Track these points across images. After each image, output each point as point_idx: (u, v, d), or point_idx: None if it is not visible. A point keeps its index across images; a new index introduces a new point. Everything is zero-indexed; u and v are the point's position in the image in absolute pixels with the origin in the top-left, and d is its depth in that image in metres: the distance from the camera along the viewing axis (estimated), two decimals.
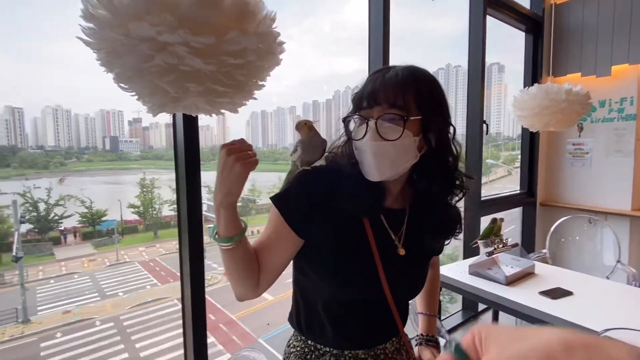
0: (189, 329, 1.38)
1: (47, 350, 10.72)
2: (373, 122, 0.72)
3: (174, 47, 0.59)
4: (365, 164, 0.76)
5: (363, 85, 0.78)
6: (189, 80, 0.64)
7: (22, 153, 50.43)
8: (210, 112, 0.76)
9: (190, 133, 1.32)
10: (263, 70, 0.73)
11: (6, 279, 16.00)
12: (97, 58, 0.68)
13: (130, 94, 0.72)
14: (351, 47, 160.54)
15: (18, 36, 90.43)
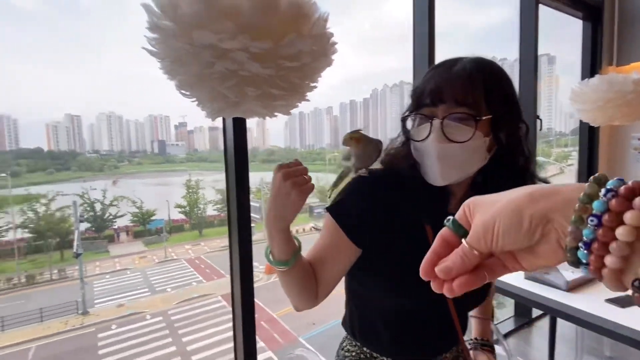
0: (239, 323, 1.42)
1: (104, 341, 11.54)
2: (438, 122, 0.66)
3: (234, 53, 0.61)
4: (427, 167, 0.70)
5: (424, 80, 0.71)
6: (247, 85, 0.66)
7: (80, 157, 54.56)
8: (265, 115, 0.77)
9: (239, 136, 1.36)
10: (316, 72, 0.73)
11: (68, 274, 17.46)
12: (161, 67, 0.72)
13: (191, 100, 0.75)
14: (389, 44, 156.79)
15: (75, 49, 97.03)
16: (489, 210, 0.32)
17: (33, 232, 19.70)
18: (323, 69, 0.76)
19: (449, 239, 0.35)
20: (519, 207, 0.30)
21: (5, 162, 41.08)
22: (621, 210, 0.25)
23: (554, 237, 0.29)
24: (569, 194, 0.29)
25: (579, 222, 0.27)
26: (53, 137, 62.01)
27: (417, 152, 0.71)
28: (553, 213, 0.28)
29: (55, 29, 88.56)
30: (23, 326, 12.52)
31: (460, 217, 0.35)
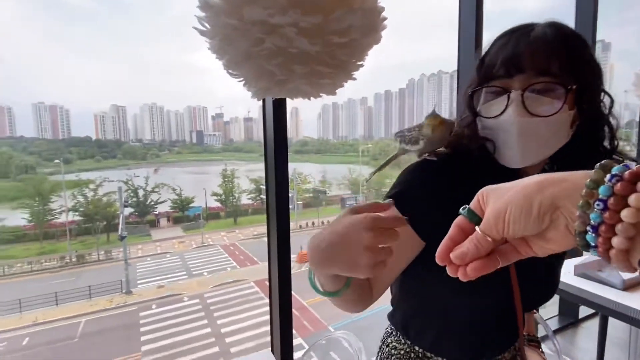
0: (276, 307, 1.45)
1: (145, 319, 12.24)
2: (518, 94, 0.58)
3: (283, 29, 0.60)
4: (504, 147, 0.62)
5: (493, 49, 0.63)
6: (295, 63, 0.65)
7: (125, 146, 57.51)
8: (310, 95, 0.76)
9: (279, 126, 1.36)
10: (365, 49, 0.71)
11: (113, 255, 18.63)
12: (210, 46, 0.73)
13: (237, 80, 0.76)
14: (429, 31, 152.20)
15: (120, 43, 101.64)
16: (500, 198, 0.33)
17: (83, 215, 21.15)
18: (371, 46, 0.74)
19: (463, 226, 0.37)
20: (528, 195, 0.31)
21: (59, 149, 44.20)
22: (625, 193, 0.26)
23: (562, 223, 0.30)
24: (576, 181, 0.30)
25: (586, 207, 0.28)
26: (100, 126, 65.77)
27: (490, 130, 0.63)
28: (561, 200, 0.30)
29: (101, 23, 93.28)
30: (74, 301, 13.53)
31: (475, 205, 0.36)
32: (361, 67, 0.77)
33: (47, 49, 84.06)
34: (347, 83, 0.83)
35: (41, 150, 40.59)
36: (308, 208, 27.27)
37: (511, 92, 0.58)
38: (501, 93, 0.60)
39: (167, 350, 10.32)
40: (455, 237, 0.37)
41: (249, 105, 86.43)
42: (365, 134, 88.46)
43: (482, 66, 0.64)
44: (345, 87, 0.79)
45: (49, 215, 21.04)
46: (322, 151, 59.29)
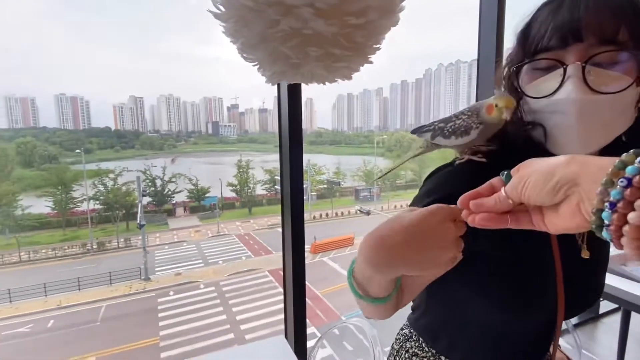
0: (290, 295, 1.46)
1: (163, 305, 12.57)
2: (577, 67, 0.48)
3: (299, 10, 0.59)
4: (558, 133, 0.52)
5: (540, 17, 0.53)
6: (310, 45, 0.63)
7: (143, 136, 58.66)
8: (325, 79, 0.75)
9: (294, 113, 1.35)
10: (382, 31, 0.69)
11: (132, 243, 19.15)
12: (224, 30, 0.72)
13: (252, 64, 0.75)
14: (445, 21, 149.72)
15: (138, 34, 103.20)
16: (532, 167, 0.35)
17: (103, 204, 21.76)
18: (388, 28, 0.71)
19: (496, 185, 0.40)
20: (553, 167, 0.33)
21: (79, 139, 45.43)
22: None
23: (574, 200, 0.31)
24: (602, 164, 0.30)
25: (609, 184, 0.28)
26: (119, 117, 67.16)
27: (539, 114, 0.54)
28: (582, 177, 0.31)
29: (120, 16, 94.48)
30: (95, 287, 14.00)
31: (514, 171, 0.38)
32: (378, 50, 0.75)
33: (69, 42, 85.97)
34: (363, 68, 0.81)
35: (63, 140, 41.80)
36: (322, 199, 27.35)
37: (567, 65, 0.49)
38: (553, 68, 0.51)
39: (184, 336, 10.60)
40: (484, 191, 0.40)
41: (263, 96, 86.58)
42: (381, 125, 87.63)
43: (527, 38, 0.54)
44: (360, 77, 0.76)
45: (71, 203, 21.73)
46: (337, 142, 59.12)
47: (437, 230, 0.41)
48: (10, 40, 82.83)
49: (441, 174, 0.61)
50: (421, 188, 0.62)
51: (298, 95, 1.35)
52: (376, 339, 0.92)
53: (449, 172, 0.60)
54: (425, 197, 0.58)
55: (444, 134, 0.61)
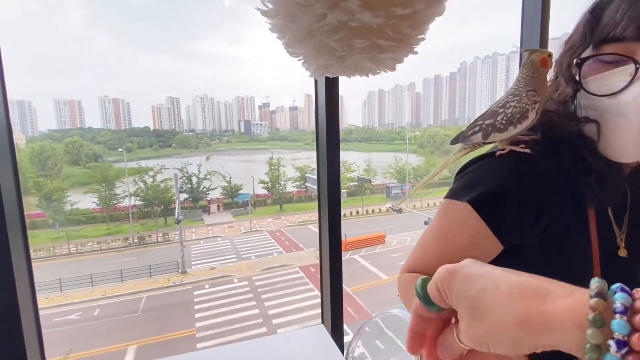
0: (327, 290, 1.48)
1: (198, 298, 13.04)
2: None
3: (346, 2, 0.60)
4: (615, 135, 0.48)
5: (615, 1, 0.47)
6: (355, 37, 0.64)
7: (179, 135, 60.75)
8: (370, 71, 0.75)
9: (332, 111, 1.36)
10: (427, 21, 0.69)
11: (170, 237, 19.98)
12: (271, 26, 0.74)
13: (297, 59, 0.77)
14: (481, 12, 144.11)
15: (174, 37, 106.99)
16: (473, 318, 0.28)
17: (143, 200, 22.80)
18: (433, 18, 0.71)
19: (424, 314, 0.32)
20: (513, 339, 0.26)
21: (121, 139, 47.87)
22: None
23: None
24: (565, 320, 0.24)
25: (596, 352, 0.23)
26: (157, 117, 70.09)
27: (598, 111, 0.50)
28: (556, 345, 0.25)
29: (158, 19, 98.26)
30: (136, 279, 14.74)
31: (433, 293, 0.31)
32: (422, 40, 0.74)
33: (110, 46, 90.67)
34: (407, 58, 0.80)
35: (106, 140, 44.23)
36: (352, 197, 27.26)
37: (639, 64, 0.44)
38: (622, 62, 0.46)
39: (219, 328, 10.94)
40: (417, 327, 0.33)
41: (294, 94, 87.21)
42: (413, 121, 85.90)
43: (597, 21, 0.49)
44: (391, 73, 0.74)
45: (114, 199, 22.94)
46: (367, 139, 58.61)
47: None
48: (58, 47, 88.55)
49: (482, 166, 0.58)
50: (458, 179, 0.60)
51: (335, 91, 1.36)
52: None
53: (491, 163, 0.57)
54: (469, 189, 0.55)
55: (498, 129, 0.56)
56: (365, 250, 16.84)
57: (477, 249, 0.55)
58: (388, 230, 18.45)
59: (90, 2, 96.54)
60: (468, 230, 0.55)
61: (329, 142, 1.41)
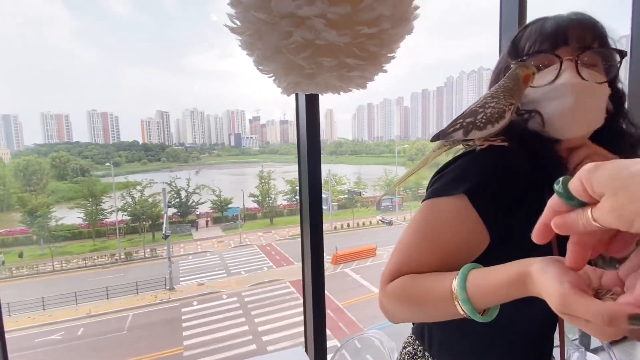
0: (309, 308, 1.44)
1: (186, 315, 12.73)
2: (571, 61, 0.57)
3: (311, 21, 0.60)
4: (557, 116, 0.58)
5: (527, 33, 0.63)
6: (323, 55, 0.64)
7: (169, 149, 60.22)
8: (339, 89, 0.75)
9: (312, 123, 1.37)
10: (396, 40, 0.69)
11: (158, 253, 19.60)
12: (240, 43, 0.74)
13: (267, 76, 0.76)
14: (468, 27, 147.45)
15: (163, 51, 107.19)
16: (622, 196, 0.28)
17: (130, 215, 22.41)
18: (403, 36, 0.71)
19: (560, 210, 0.34)
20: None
21: (109, 153, 47.28)
22: None
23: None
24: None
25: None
26: (146, 131, 69.62)
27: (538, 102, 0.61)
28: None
29: (147, 33, 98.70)
30: (122, 296, 14.36)
31: (576, 187, 0.32)
32: (392, 58, 0.75)
33: (99, 61, 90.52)
34: (382, 77, 0.81)
35: (94, 154, 43.62)
36: (343, 209, 27.21)
37: (563, 60, 0.58)
38: (546, 66, 0.60)
39: (207, 346, 10.67)
40: (548, 220, 0.35)
41: (284, 107, 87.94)
42: (402, 134, 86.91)
43: (517, 47, 0.63)
44: (380, 87, 0.75)
45: (101, 214, 22.50)
46: (357, 152, 58.97)
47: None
48: (46, 61, 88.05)
49: (466, 162, 0.60)
50: (439, 179, 0.61)
51: (315, 106, 1.37)
52: (394, 350, 0.90)
53: (474, 158, 0.60)
54: (458, 183, 0.57)
55: (478, 127, 0.59)
56: (357, 264, 16.73)
57: (468, 242, 0.57)
58: (379, 243, 18.40)
59: (80, 16, 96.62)
60: (461, 223, 0.56)
61: (310, 155, 1.40)
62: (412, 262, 0.58)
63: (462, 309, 0.48)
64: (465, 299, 0.47)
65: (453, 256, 0.56)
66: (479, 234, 0.56)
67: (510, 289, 0.43)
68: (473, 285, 0.47)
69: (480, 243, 0.57)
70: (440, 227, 0.58)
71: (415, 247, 0.59)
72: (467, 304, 0.47)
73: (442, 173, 0.61)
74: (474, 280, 0.47)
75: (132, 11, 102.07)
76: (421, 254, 0.58)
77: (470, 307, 0.47)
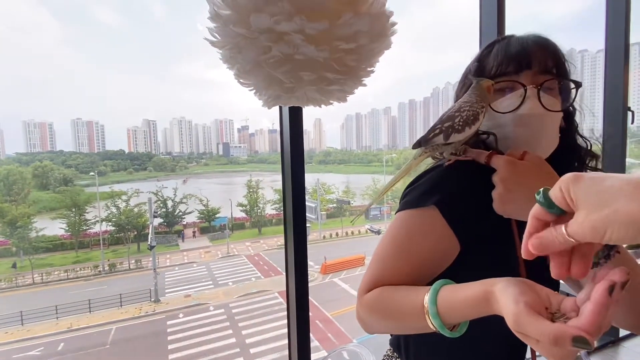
0: (293, 320, 1.43)
1: (172, 328, 12.45)
2: (534, 89, 0.60)
3: (290, 36, 0.60)
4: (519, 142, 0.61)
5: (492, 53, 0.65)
6: (302, 69, 0.65)
7: (155, 158, 59.69)
8: (320, 102, 0.76)
9: (296, 137, 1.37)
10: (374, 55, 0.70)
11: (143, 264, 19.18)
12: (221, 56, 0.74)
13: (248, 89, 0.76)
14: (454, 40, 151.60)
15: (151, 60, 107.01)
16: (598, 207, 0.30)
17: (115, 225, 21.96)
18: (381, 51, 0.72)
19: (541, 217, 0.35)
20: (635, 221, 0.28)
21: (94, 162, 46.45)
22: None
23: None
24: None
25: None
26: (133, 140, 68.73)
27: (503, 127, 0.63)
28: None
29: (136, 42, 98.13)
30: (105, 309, 13.98)
31: (556, 195, 0.34)
32: (372, 72, 0.76)
33: (86, 69, 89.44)
34: (368, 89, 0.82)
35: (78, 164, 42.81)
36: (331, 218, 27.19)
37: (527, 88, 0.60)
38: (510, 90, 0.62)
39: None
40: (533, 230, 0.36)
41: (273, 117, 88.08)
42: (390, 144, 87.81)
43: (483, 67, 0.65)
44: (368, 97, 0.77)
45: (84, 225, 21.99)
46: (346, 161, 59.24)
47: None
48: (31, 69, 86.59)
49: (434, 176, 0.63)
50: (410, 192, 0.63)
51: (299, 117, 1.37)
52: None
53: (441, 172, 0.63)
54: (428, 196, 0.60)
55: (457, 130, 0.61)
56: (346, 273, 16.67)
57: (440, 250, 0.60)
58: (368, 252, 18.40)
59: (67, 24, 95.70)
60: (433, 233, 0.59)
61: (294, 166, 1.40)
62: (388, 272, 0.60)
63: (432, 324, 0.49)
64: (435, 313, 0.48)
65: (426, 265, 0.59)
66: (450, 243, 0.59)
67: (476, 306, 0.45)
68: (443, 301, 0.48)
69: (451, 251, 0.60)
70: (414, 237, 0.60)
71: (390, 258, 0.61)
72: (436, 319, 0.48)
73: (413, 186, 0.64)
74: (445, 295, 0.49)
75: (120, 20, 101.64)
76: (396, 263, 0.60)
77: (440, 322, 0.48)
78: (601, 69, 2.33)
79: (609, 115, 2.17)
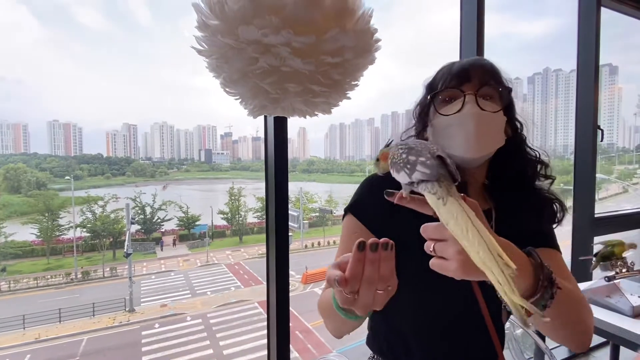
0: (273, 330, 1.42)
1: (147, 339, 12.05)
2: (472, 95, 0.70)
3: (277, 49, 0.61)
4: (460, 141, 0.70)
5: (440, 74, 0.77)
6: (288, 81, 0.66)
7: (135, 163, 58.01)
8: (305, 113, 0.77)
9: (280, 146, 1.38)
10: (359, 69, 0.72)
11: (118, 272, 18.56)
12: (207, 65, 0.74)
13: (234, 98, 0.77)
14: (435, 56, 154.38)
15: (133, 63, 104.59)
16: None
17: (90, 232, 21.22)
18: (365, 66, 0.75)
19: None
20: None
21: (70, 166, 44.92)
22: None
23: None
24: None
25: None
26: (112, 144, 67.03)
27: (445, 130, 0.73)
28: None
29: (116, 44, 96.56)
30: (77, 319, 13.42)
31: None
32: (356, 86, 0.78)
33: (65, 70, 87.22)
34: (353, 101, 0.85)
35: (53, 167, 41.30)
36: (314, 227, 27.10)
37: (466, 94, 0.71)
38: (453, 99, 0.73)
39: None
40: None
41: (257, 125, 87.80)
42: (372, 154, 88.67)
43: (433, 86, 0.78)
44: (352, 108, 0.82)
45: (57, 231, 21.17)
46: (329, 170, 59.42)
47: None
48: (6, 69, 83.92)
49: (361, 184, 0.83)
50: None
51: (284, 126, 1.38)
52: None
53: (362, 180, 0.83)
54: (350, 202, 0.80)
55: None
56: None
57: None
58: None
59: (47, 24, 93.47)
60: (354, 233, 0.76)
61: (278, 174, 1.40)
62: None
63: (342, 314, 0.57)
64: (337, 305, 0.56)
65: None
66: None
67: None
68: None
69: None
70: (346, 238, 0.78)
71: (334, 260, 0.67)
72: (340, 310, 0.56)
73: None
74: None
75: (102, 22, 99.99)
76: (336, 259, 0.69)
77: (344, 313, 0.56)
78: (574, 88, 2.44)
79: (580, 133, 2.27)
